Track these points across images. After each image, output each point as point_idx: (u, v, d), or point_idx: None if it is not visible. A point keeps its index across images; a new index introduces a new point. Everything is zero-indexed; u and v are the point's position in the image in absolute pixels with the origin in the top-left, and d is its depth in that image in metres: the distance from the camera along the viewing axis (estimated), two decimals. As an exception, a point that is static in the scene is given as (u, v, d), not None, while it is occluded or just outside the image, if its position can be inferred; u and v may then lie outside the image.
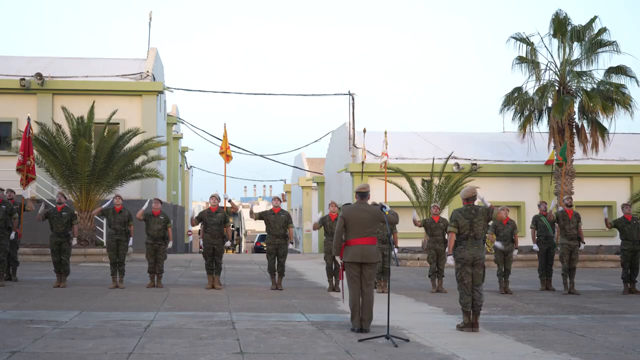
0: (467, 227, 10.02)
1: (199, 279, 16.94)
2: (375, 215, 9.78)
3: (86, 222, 23.02)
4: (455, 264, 10.14)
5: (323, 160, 42.89)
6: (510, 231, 15.60)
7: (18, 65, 28.91)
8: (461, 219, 10.05)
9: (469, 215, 10.09)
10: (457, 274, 10.10)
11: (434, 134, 32.84)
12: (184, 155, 45.35)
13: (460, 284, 10.07)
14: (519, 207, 30.77)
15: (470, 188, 10.59)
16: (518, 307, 13.04)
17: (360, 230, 9.65)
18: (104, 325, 9.81)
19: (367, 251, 9.66)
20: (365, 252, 9.65)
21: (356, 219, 9.68)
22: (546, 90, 26.26)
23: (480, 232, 10.10)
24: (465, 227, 10.02)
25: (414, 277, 18.92)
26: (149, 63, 29.56)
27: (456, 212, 10.16)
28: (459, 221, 10.04)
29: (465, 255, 9.99)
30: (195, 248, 46.52)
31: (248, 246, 61.65)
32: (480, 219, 10.12)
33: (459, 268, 10.08)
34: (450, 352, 8.36)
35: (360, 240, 9.63)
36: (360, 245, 9.63)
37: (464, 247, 10.02)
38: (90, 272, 18.59)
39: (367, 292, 9.72)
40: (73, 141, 22.98)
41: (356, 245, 9.63)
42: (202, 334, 9.22)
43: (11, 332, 9.09)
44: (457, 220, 10.04)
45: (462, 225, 10.02)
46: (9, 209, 15.06)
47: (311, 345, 8.59)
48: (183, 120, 38.04)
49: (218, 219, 15.00)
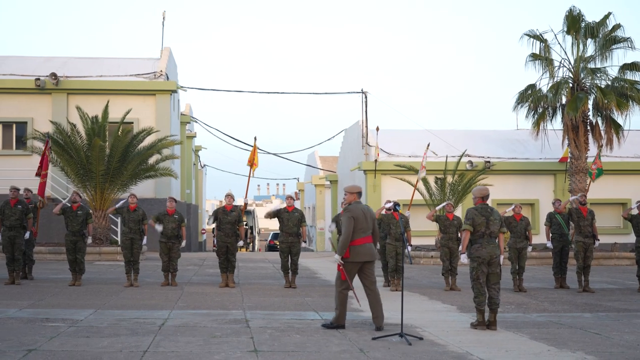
0: (483, 225, 10.00)
1: (212, 278, 17.00)
2: (372, 214, 9.95)
3: (101, 220, 23.15)
4: (471, 263, 10.11)
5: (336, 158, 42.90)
6: (523, 228, 15.55)
7: (33, 65, 29.11)
8: (478, 217, 10.03)
9: (485, 213, 10.08)
10: (473, 273, 10.08)
11: (447, 132, 32.78)
12: (197, 154, 45.47)
13: (475, 282, 10.05)
14: (533, 204, 30.68)
15: (484, 187, 10.60)
16: (532, 305, 13.01)
17: (364, 229, 9.71)
18: (119, 323, 9.87)
19: (373, 250, 9.82)
20: (372, 250, 9.79)
21: (361, 218, 9.74)
22: (560, 87, 26.13)
23: (496, 231, 10.10)
24: (481, 225, 10.00)
25: (427, 275, 18.90)
26: (163, 62, 29.68)
27: (472, 211, 10.14)
28: (476, 219, 10.01)
29: (483, 253, 9.97)
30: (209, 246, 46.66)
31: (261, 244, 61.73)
32: (496, 217, 10.12)
33: (475, 267, 10.05)
34: (464, 350, 8.36)
35: (365, 239, 9.69)
36: (367, 244, 9.72)
37: (480, 246, 9.99)
38: (105, 270, 18.69)
39: (376, 290, 9.80)
40: (87, 140, 23.11)
41: (363, 245, 9.68)
42: (216, 332, 9.26)
43: (27, 330, 9.16)
44: (474, 219, 10.02)
45: (479, 223, 9.99)
46: (25, 209, 15.18)
47: (325, 344, 8.61)
48: (196, 119, 38.14)
49: (232, 217, 15.05)
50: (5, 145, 28.05)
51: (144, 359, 7.52)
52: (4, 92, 27.76)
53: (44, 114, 27.01)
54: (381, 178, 30.27)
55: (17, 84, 27.72)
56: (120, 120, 23.92)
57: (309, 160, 50.76)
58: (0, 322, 9.76)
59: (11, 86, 27.70)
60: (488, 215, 10.08)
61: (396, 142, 31.18)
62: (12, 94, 27.82)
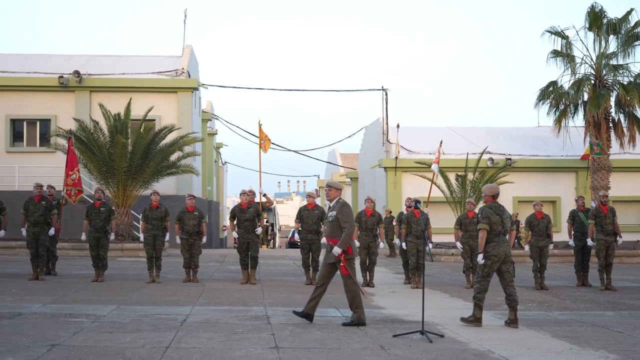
0: (499, 224, 9.99)
1: (233, 274, 17.07)
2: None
3: (123, 217, 23.32)
4: (485, 261, 10.06)
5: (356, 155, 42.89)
6: (545, 226, 15.48)
7: (56, 63, 29.37)
8: (493, 215, 10.00)
9: (498, 212, 10.06)
10: (485, 270, 10.02)
11: (468, 129, 32.69)
12: (218, 151, 45.66)
13: (484, 279, 10.01)
14: (555, 202, 30.52)
15: (494, 185, 10.59)
16: (554, 303, 12.96)
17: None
18: (141, 319, 9.95)
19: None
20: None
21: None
22: (582, 84, 25.96)
23: (508, 229, 10.11)
24: (497, 224, 9.98)
25: (448, 273, 18.86)
26: (184, 60, 29.83)
27: (487, 209, 10.09)
28: (492, 218, 9.99)
29: (499, 252, 9.95)
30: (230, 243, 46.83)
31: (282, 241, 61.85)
32: (507, 215, 10.12)
33: (488, 265, 10.02)
34: (485, 348, 8.35)
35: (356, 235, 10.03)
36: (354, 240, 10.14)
37: (497, 244, 9.97)
38: (127, 266, 18.83)
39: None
40: (110, 138, 23.29)
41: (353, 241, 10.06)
42: (237, 329, 9.31)
43: (51, 325, 9.27)
44: (490, 217, 9.99)
45: (495, 221, 9.97)
46: (49, 205, 15.35)
47: (345, 341, 8.63)
48: (218, 117, 38.30)
49: (250, 214, 15.14)
50: (29, 143, 28.37)
51: (166, 354, 7.58)
52: (28, 89, 28.07)
53: (67, 112, 27.26)
54: (401, 175, 30.25)
55: (40, 81, 28.02)
56: (143, 117, 24.08)
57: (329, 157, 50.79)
58: (25, 318, 9.88)
59: (35, 84, 28.01)
60: (501, 213, 10.07)
61: (417, 139, 31.14)
62: (35, 92, 28.12)
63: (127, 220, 23.49)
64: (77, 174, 18.40)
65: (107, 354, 7.53)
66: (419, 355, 7.87)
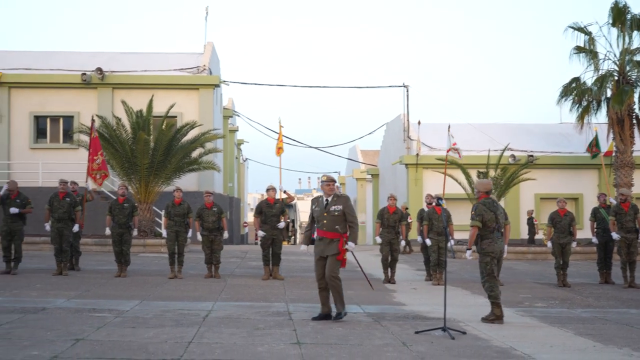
0: (493, 220, 9.98)
1: (255, 270, 17.13)
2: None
3: (145, 213, 23.46)
4: (483, 258, 10.00)
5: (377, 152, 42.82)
6: (567, 223, 15.38)
7: (80, 60, 29.60)
8: (487, 212, 9.97)
9: (492, 208, 10.05)
10: (487, 268, 9.98)
11: (490, 126, 32.54)
12: (239, 148, 45.78)
13: (489, 277, 9.97)
14: (577, 199, 30.31)
15: (487, 180, 10.58)
16: (577, 300, 12.88)
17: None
18: (164, 314, 10.02)
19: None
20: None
21: None
22: (605, 80, 25.76)
23: (502, 225, 10.11)
24: (491, 220, 9.97)
25: (469, 270, 18.80)
26: (206, 57, 29.95)
27: (481, 206, 10.02)
28: (485, 215, 9.95)
29: (495, 248, 9.97)
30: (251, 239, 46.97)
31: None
32: (501, 210, 10.11)
33: (487, 262, 9.99)
34: (508, 345, 8.32)
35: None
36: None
37: (492, 241, 9.98)
38: (149, 262, 18.95)
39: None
40: (132, 134, 23.43)
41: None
42: (259, 324, 9.34)
43: (75, 320, 9.35)
44: (483, 215, 9.96)
45: (489, 218, 9.95)
46: (73, 202, 15.49)
47: (367, 337, 8.64)
48: (239, 113, 38.39)
49: (277, 210, 15.20)
50: (52, 139, 28.63)
51: (188, 349, 7.62)
52: (52, 86, 28.33)
53: (90, 109, 27.43)
54: (422, 172, 30.17)
55: (64, 78, 28.28)
56: (164, 114, 24.20)
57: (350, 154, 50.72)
58: (49, 312, 9.98)
59: (58, 81, 28.27)
60: (495, 209, 10.05)
61: (438, 135, 31.02)
62: (59, 89, 28.38)
63: (150, 217, 23.63)
64: (100, 158, 18.55)
65: (130, 348, 7.59)
66: (441, 352, 7.86)
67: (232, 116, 38.77)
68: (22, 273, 15.10)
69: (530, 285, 15.47)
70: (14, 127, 28.21)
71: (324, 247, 9.77)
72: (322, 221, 9.71)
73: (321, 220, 9.71)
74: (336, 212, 9.77)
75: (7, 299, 11.21)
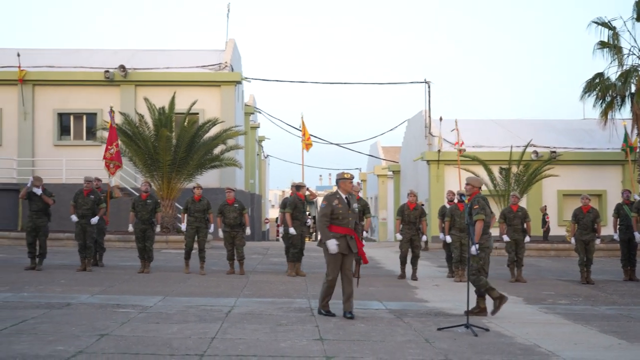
0: (490, 215, 9.96)
1: (277, 266, 17.17)
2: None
3: (168, 209, 23.58)
4: (480, 253, 9.95)
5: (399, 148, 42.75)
6: (591, 220, 15.28)
7: (102, 57, 29.82)
8: (487, 206, 9.95)
9: (487, 203, 10.06)
10: (480, 262, 9.96)
11: (512, 122, 32.37)
12: (261, 145, 45.88)
13: (480, 273, 9.95)
14: (600, 195, 30.05)
15: (478, 177, 10.58)
16: (601, 297, 12.79)
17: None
18: (187, 310, 10.07)
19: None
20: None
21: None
22: (629, 76, 25.53)
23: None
24: (489, 215, 9.95)
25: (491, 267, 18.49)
26: (227, 54, 30.04)
27: (482, 200, 9.97)
28: (486, 209, 9.91)
29: (491, 244, 10.03)
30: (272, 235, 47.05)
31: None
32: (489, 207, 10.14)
33: (483, 257, 9.97)
34: (532, 342, 8.28)
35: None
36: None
37: (488, 236, 9.99)
38: (172, 258, 19.05)
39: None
40: (155, 131, 23.55)
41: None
42: (282, 320, 9.37)
43: (99, 315, 9.42)
44: (485, 208, 9.91)
45: (488, 213, 9.94)
46: (97, 199, 15.60)
47: (390, 333, 8.63)
48: (260, 110, 38.47)
49: (305, 206, 15.28)
50: (76, 136, 28.86)
51: (212, 345, 7.66)
52: (75, 84, 28.55)
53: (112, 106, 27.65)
54: (444, 168, 30.06)
55: (87, 76, 28.49)
56: (186, 111, 24.32)
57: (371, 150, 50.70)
58: (74, 308, 10.07)
59: (81, 78, 28.49)
60: (488, 205, 10.08)
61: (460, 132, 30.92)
62: (82, 86, 28.59)
63: (172, 213, 23.75)
64: (115, 149, 18.70)
65: (154, 344, 7.64)
66: (464, 348, 7.83)
67: (254, 113, 38.85)
68: (47, 269, 15.25)
69: (554, 282, 15.38)
70: (38, 124, 28.47)
71: (348, 243, 9.77)
72: (347, 218, 9.72)
73: (346, 217, 9.73)
74: (357, 209, 9.92)
75: (33, 295, 11.32)
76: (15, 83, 28.03)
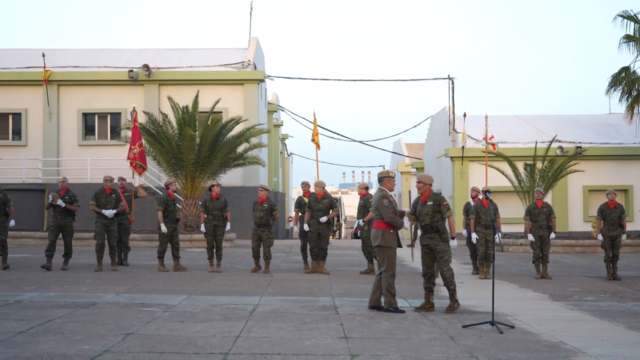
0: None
1: (301, 265, 17.15)
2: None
3: (192, 208, 23.66)
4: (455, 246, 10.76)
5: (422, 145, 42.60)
6: (617, 215, 15.12)
7: (126, 57, 29.99)
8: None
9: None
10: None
11: (536, 117, 32.12)
12: (284, 143, 45.92)
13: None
14: (627, 190, 29.75)
15: (428, 175, 10.90)
16: (627, 294, 12.65)
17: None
18: (212, 308, 10.10)
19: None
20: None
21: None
22: (656, 70, 25.23)
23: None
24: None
25: (516, 263, 18.60)
26: (250, 52, 30.07)
27: (442, 197, 10.53)
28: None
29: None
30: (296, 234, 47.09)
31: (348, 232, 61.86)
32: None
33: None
34: (557, 339, 8.21)
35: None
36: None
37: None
38: (196, 257, 19.11)
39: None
40: (179, 130, 23.65)
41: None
42: (306, 319, 9.37)
43: (124, 314, 9.48)
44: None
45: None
46: (119, 198, 15.67)
47: (414, 331, 8.60)
48: (283, 108, 38.50)
49: (324, 205, 15.21)
50: (100, 136, 29.08)
51: (236, 343, 7.68)
52: (99, 84, 28.77)
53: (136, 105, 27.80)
54: (468, 165, 29.91)
55: (111, 75, 28.68)
56: (210, 109, 24.39)
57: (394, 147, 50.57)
58: (99, 307, 10.14)
59: (106, 78, 28.69)
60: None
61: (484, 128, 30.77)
62: (106, 86, 28.80)
63: (196, 212, 23.83)
64: (138, 149, 18.78)
65: (179, 342, 7.67)
66: (490, 346, 7.78)
67: (277, 111, 38.90)
68: (72, 268, 15.37)
69: (580, 278, 15.24)
70: (63, 124, 28.72)
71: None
72: (396, 214, 10.17)
73: (396, 213, 10.16)
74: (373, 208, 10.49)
75: (59, 294, 11.42)
76: (41, 83, 28.31)
